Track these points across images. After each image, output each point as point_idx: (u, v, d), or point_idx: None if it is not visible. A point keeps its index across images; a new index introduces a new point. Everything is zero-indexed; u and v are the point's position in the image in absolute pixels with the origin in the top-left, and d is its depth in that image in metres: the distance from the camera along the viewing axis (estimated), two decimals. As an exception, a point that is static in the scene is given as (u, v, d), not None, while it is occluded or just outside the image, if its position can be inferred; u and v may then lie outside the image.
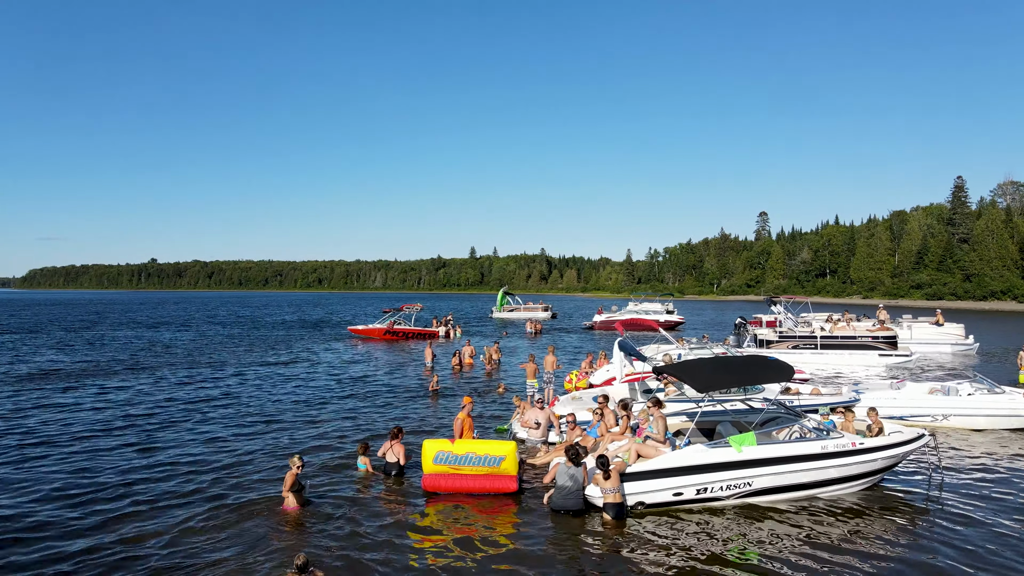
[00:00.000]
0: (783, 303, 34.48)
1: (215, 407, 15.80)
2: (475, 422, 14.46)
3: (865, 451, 9.04)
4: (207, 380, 20.16)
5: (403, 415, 15.03)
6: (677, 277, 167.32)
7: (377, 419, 14.53)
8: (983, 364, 24.98)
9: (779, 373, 9.45)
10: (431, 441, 9.52)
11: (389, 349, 31.04)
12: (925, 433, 9.89)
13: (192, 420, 14.30)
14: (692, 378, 8.98)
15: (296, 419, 14.41)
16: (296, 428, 13.56)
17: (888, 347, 23.98)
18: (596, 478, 8.39)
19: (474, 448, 9.36)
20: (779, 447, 8.86)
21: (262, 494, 9.39)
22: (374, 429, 13.40)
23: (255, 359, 26.05)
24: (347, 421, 14.27)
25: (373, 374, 21.78)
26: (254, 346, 31.79)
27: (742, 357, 10.14)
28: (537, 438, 11.79)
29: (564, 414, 12.40)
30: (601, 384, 17.06)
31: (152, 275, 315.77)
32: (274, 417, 14.64)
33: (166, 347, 31.11)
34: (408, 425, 13.82)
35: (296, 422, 14.10)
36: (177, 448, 11.90)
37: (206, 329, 44.52)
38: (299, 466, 9.01)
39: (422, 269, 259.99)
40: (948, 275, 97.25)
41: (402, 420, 14.38)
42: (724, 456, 8.66)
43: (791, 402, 12.27)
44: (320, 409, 15.59)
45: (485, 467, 9.31)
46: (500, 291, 64.48)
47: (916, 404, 13.77)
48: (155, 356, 26.99)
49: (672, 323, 46.52)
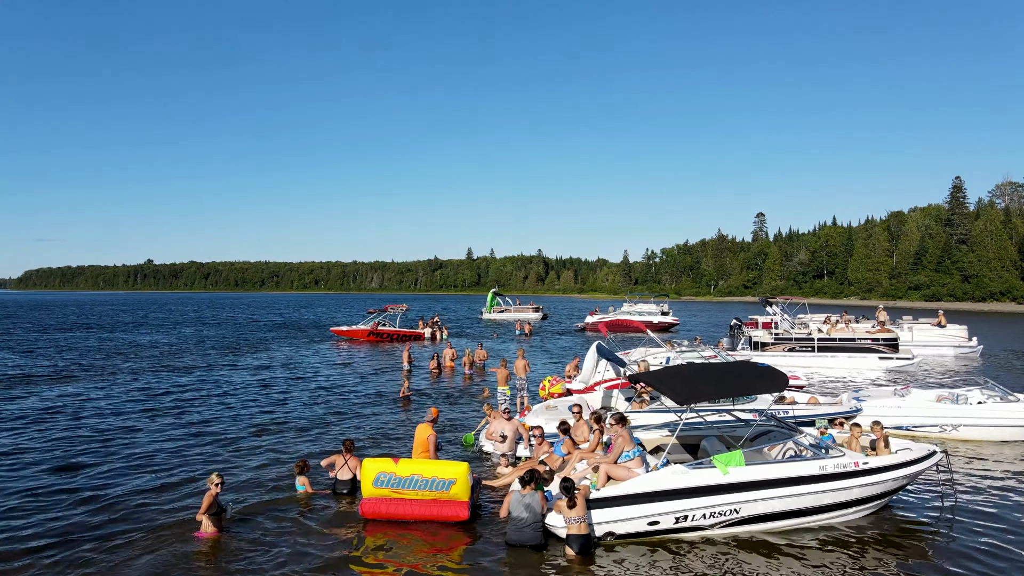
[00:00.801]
0: (779, 304, 33.36)
1: (159, 416, 14.51)
2: (452, 432, 13.29)
3: (870, 472, 7.86)
4: (164, 386, 18.86)
5: (364, 425, 13.80)
6: (674, 278, 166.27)
7: (334, 430, 13.31)
8: (988, 368, 23.84)
9: (770, 383, 8.24)
10: (371, 460, 8.30)
11: (371, 352, 29.81)
12: (937, 449, 8.71)
13: (128, 432, 13.02)
14: (670, 388, 7.79)
15: (245, 430, 13.17)
16: (240, 440, 12.31)
17: (889, 350, 22.82)
18: (559, 505, 7.19)
19: (420, 469, 8.15)
20: (771, 468, 7.66)
21: (175, 518, 8.18)
22: (324, 443, 12.16)
23: (226, 363, 24.77)
24: (300, 432, 13.02)
25: (345, 379, 20.54)
26: (230, 349, 30.51)
27: (729, 364, 8.93)
28: (506, 451, 10.60)
29: (534, 426, 11.22)
30: (581, 391, 15.88)
31: (148, 276, 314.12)
32: (219, 428, 13.38)
33: (137, 350, 29.81)
34: (367, 436, 12.61)
35: (243, 434, 12.85)
36: (97, 466, 10.63)
37: (186, 331, 43.22)
38: (218, 484, 7.81)
39: (419, 270, 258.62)
40: (946, 276, 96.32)
41: (363, 430, 13.17)
42: (707, 478, 7.46)
43: (785, 413, 11.10)
44: (275, 418, 14.36)
45: (432, 491, 8.10)
46: (490, 292, 63.14)
47: (923, 413, 12.60)
48: (120, 360, 25.68)
49: (666, 324, 45.41)
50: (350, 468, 9.37)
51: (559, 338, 38.79)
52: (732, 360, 11.21)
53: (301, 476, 9.48)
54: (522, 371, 14.99)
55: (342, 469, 9.42)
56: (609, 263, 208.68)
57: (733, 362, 8.95)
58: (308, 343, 34.07)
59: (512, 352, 29.64)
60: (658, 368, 9.07)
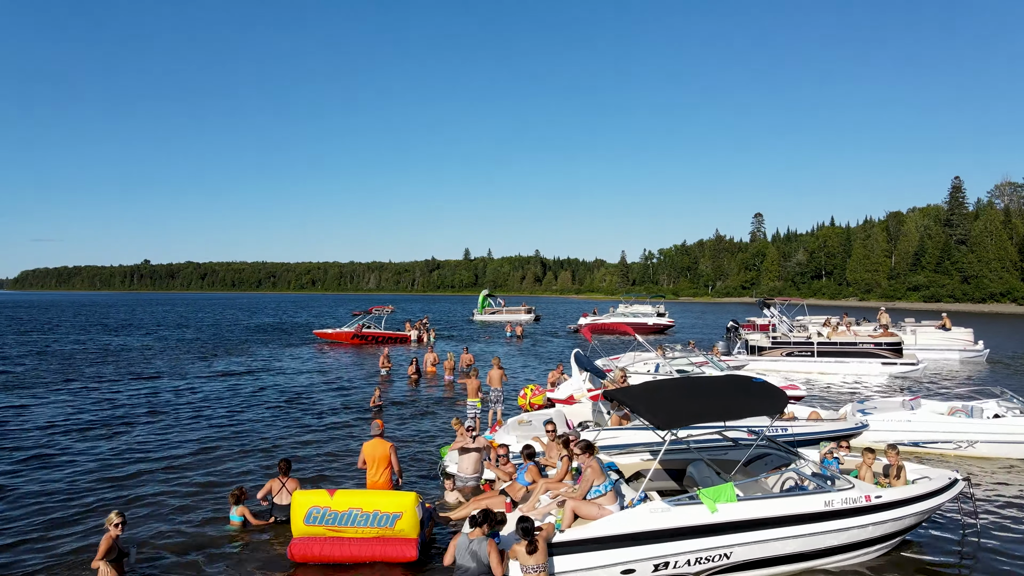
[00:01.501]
0: (777, 306, 32.27)
1: (93, 430, 13.25)
2: (422, 445, 12.15)
3: (885, 507, 6.72)
4: (118, 397, 17.53)
5: (321, 441, 12.60)
6: (672, 279, 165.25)
7: (287, 448, 12.12)
8: (997, 374, 22.73)
9: (767, 403, 7.07)
10: (302, 493, 7.14)
11: (353, 356, 28.62)
12: (959, 476, 7.58)
13: (45, 450, 11.75)
14: (648, 410, 6.64)
15: (183, 449, 11.92)
16: (173, 462, 11.05)
17: (893, 355, 21.69)
18: (516, 550, 6.03)
19: (360, 502, 6.99)
20: (768, 504, 6.51)
21: (65, 560, 7.02)
22: (273, 464, 10.97)
23: (196, 369, 23.48)
24: (247, 453, 11.77)
25: (316, 387, 19.29)
26: (206, 354, 29.26)
27: (719, 380, 7.79)
28: (469, 475, 9.45)
29: (503, 444, 10.06)
30: (564, 400, 14.73)
31: (145, 276, 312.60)
32: (153, 447, 12.07)
33: (106, 355, 28.56)
34: (322, 455, 11.44)
35: (181, 454, 11.62)
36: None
37: (167, 334, 41.97)
38: (118, 524, 6.64)
39: (416, 270, 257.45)
40: (946, 277, 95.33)
41: (318, 448, 11.99)
42: (692, 517, 6.32)
43: (783, 431, 9.95)
44: (222, 434, 13.11)
45: (375, 528, 6.95)
46: (481, 293, 61.66)
47: (935, 428, 11.46)
48: (85, 365, 24.41)
49: (661, 327, 44.26)
50: (289, 491, 8.26)
51: (551, 340, 37.60)
52: (723, 374, 10.06)
53: (238, 506, 8.33)
54: (497, 381, 13.67)
55: (280, 494, 8.30)
56: (607, 263, 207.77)
57: (724, 377, 7.82)
58: (290, 346, 32.86)
59: (502, 356, 28.51)
60: (637, 384, 7.91)
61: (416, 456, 11.64)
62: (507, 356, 28.93)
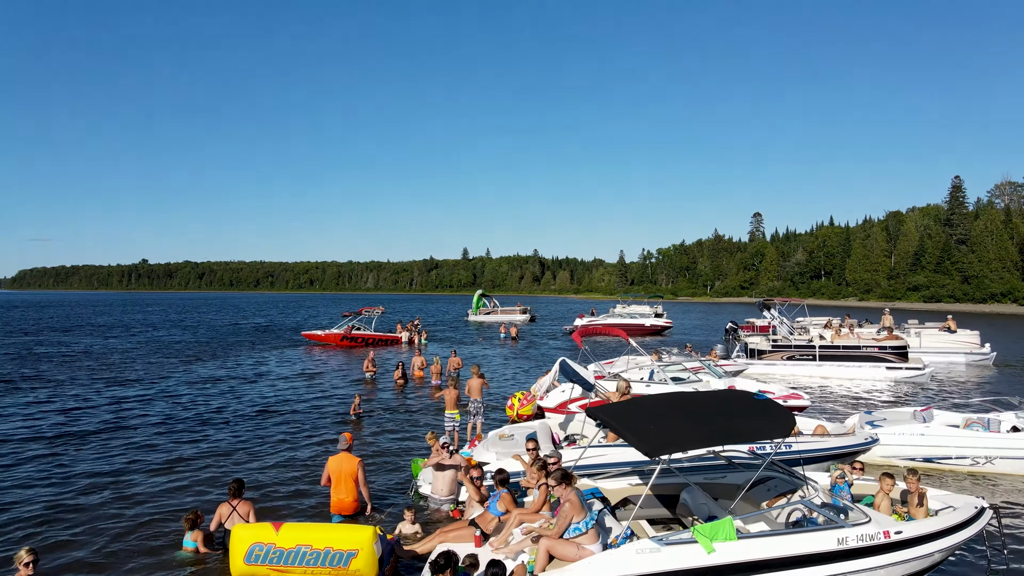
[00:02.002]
0: (777, 307, 31.51)
1: (44, 445, 12.40)
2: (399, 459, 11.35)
3: (906, 544, 5.89)
4: (86, 404, 16.59)
5: (287, 456, 11.75)
6: (670, 279, 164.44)
7: (251, 462, 11.27)
8: (1006, 379, 21.92)
9: (771, 425, 6.21)
10: (243, 527, 6.31)
11: (342, 358, 27.76)
12: (985, 505, 6.77)
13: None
14: (636, 433, 5.80)
15: (146, 464, 11.06)
16: (123, 482, 10.18)
17: (898, 358, 20.87)
18: (482, 597, 5.21)
19: (310, 538, 6.16)
20: (773, 542, 5.67)
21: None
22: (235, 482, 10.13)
23: (175, 374, 22.53)
24: (210, 469, 10.92)
25: (296, 394, 18.37)
26: (191, 357, 28.34)
27: (718, 397, 6.94)
28: (443, 496, 8.62)
29: (485, 463, 9.23)
30: (554, 409, 13.90)
31: (143, 276, 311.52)
32: (103, 464, 11.19)
33: (84, 358, 27.67)
34: (288, 477, 10.59)
35: (139, 469, 10.77)
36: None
37: (154, 335, 41.08)
38: (28, 564, 5.81)
39: (414, 270, 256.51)
40: (946, 277, 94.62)
41: (281, 466, 11.14)
42: (686, 559, 5.49)
43: (788, 447, 9.11)
44: (182, 452, 12.17)
45: (327, 568, 6.12)
46: (476, 293, 60.49)
47: (950, 443, 10.64)
48: (58, 370, 23.52)
49: (658, 328, 43.42)
50: (241, 515, 7.46)
51: (547, 342, 36.74)
52: (721, 389, 9.23)
53: (193, 531, 7.50)
54: (477, 391, 12.74)
55: (231, 519, 7.48)
56: (605, 263, 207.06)
57: (723, 394, 7.00)
58: (277, 349, 31.95)
59: (489, 359, 27.52)
60: (622, 402, 7.05)
61: (393, 468, 10.82)
62: (500, 359, 28.07)
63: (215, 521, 7.58)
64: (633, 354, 18.40)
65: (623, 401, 7.15)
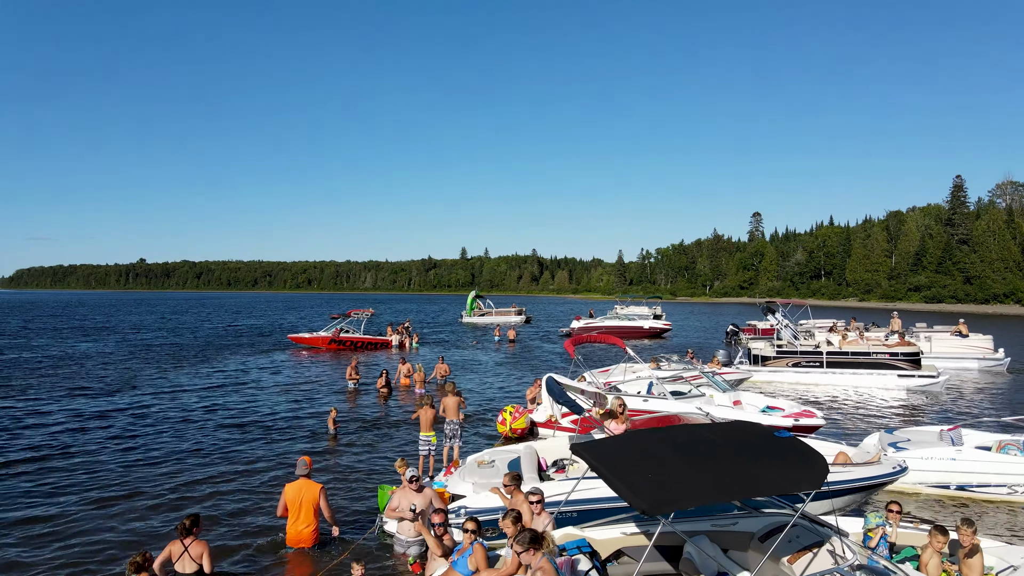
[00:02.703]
0: (780, 309, 30.47)
1: None
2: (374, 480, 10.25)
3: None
4: (40, 418, 15.35)
5: (259, 483, 10.64)
6: (669, 278, 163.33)
7: (209, 492, 10.14)
8: (1022, 386, 20.84)
9: (799, 474, 5.05)
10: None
11: (328, 364, 26.64)
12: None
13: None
14: (629, 485, 4.66)
15: (92, 495, 9.90)
16: (70, 511, 9.09)
17: (910, 366, 19.77)
18: None
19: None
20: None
21: None
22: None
23: (150, 383, 21.10)
24: (162, 499, 9.78)
25: (276, 407, 17.10)
26: (170, 363, 27.08)
27: (730, 433, 5.76)
28: (411, 538, 7.50)
29: (460, 495, 8.13)
30: (545, 424, 12.79)
31: (140, 275, 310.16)
32: (56, 490, 10.13)
33: (62, 363, 26.53)
34: (258, 500, 9.46)
35: (83, 500, 9.61)
36: None
37: (139, 338, 39.89)
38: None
39: (412, 270, 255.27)
40: (948, 277, 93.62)
41: (252, 493, 10.02)
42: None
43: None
44: (143, 473, 11.07)
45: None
46: (470, 295, 59.10)
47: (985, 468, 9.53)
48: (28, 376, 22.38)
49: (657, 330, 42.29)
50: (193, 557, 6.35)
51: (543, 346, 35.56)
52: (733, 421, 8.09)
53: (139, 575, 6.36)
54: (453, 411, 10.84)
55: (181, 560, 6.36)
56: (604, 263, 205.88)
57: (737, 429, 5.84)
58: (263, 353, 30.77)
59: (482, 366, 26.25)
60: (609, 438, 5.92)
61: (360, 495, 9.72)
62: (492, 365, 26.91)
63: (160, 560, 6.41)
64: (630, 361, 17.27)
65: (614, 438, 6.00)
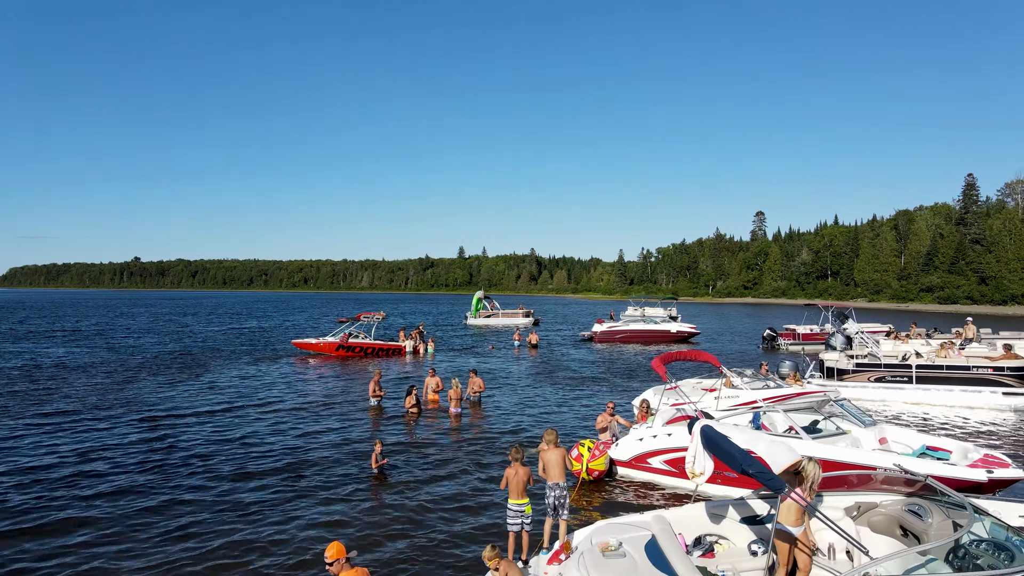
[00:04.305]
0: (832, 312, 28.01)
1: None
2: (446, 551, 7.43)
3: None
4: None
5: (266, 566, 7.99)
6: (671, 278, 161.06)
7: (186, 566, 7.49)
8: None
9: None
10: None
11: (338, 373, 23.95)
12: None
13: None
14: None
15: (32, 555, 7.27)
16: None
17: (1017, 382, 17.27)
18: None
19: None
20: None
21: None
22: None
23: (129, 403, 17.78)
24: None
25: (286, 434, 14.18)
26: (157, 375, 24.28)
27: None
28: None
29: None
30: (630, 463, 10.14)
31: (135, 274, 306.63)
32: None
33: (31, 377, 23.70)
34: None
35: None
36: None
37: (124, 344, 37.00)
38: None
39: (409, 269, 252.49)
40: (961, 278, 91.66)
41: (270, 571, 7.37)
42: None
43: None
44: (117, 534, 8.45)
45: None
46: (475, 295, 56.12)
47: None
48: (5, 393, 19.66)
49: (684, 335, 39.70)
50: None
51: (571, 352, 32.58)
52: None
53: None
54: (558, 471, 7.55)
55: None
56: (603, 262, 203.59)
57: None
58: (264, 361, 27.95)
59: (512, 377, 23.12)
60: None
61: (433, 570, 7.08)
62: (528, 377, 23.81)
63: None
64: (706, 377, 14.66)
65: None
